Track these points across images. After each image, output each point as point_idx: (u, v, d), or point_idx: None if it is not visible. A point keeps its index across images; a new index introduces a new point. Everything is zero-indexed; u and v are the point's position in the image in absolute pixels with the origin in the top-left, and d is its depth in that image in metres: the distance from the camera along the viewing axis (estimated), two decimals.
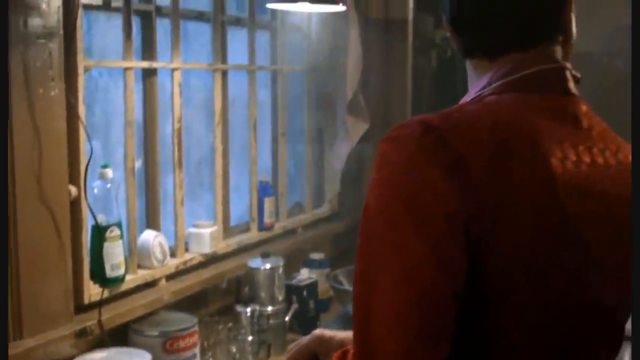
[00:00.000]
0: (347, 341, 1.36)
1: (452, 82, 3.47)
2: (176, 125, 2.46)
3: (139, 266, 2.32)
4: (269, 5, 2.37)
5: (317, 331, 1.45)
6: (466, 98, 1.18)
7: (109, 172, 2.11)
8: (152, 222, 2.46)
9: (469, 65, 1.21)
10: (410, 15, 3.43)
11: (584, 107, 1.16)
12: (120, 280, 2.15)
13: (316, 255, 2.97)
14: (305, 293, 2.63)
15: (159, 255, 2.34)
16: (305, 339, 1.45)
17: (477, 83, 1.17)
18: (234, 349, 2.33)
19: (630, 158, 1.17)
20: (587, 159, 1.10)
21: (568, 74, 1.16)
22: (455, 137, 1.01)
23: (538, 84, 1.13)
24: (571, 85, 1.16)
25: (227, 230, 2.81)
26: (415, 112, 3.36)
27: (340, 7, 2.39)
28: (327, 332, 1.43)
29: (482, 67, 1.18)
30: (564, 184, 1.05)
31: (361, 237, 1.05)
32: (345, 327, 1.48)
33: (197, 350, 2.23)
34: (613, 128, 1.21)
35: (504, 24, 1.14)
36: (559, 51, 1.16)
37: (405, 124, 1.05)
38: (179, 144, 2.47)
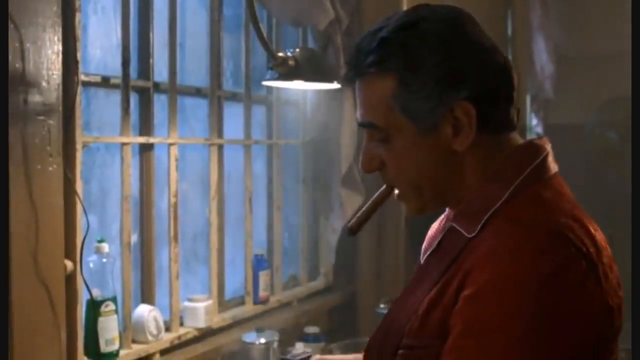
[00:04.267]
0: None
1: None
2: (172, 200, 2.48)
3: (134, 341, 2.31)
4: (265, 83, 2.41)
5: (317, 357, 1.47)
6: (495, 188, 1.20)
7: (105, 247, 2.12)
8: (147, 296, 2.46)
9: (479, 143, 1.21)
10: None
11: None
12: (114, 355, 2.14)
13: (311, 329, 2.95)
14: None
15: (153, 330, 2.33)
16: None
17: (492, 172, 1.22)
18: None
19: None
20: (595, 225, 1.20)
21: None
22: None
23: (550, 167, 1.24)
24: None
25: (222, 304, 2.80)
26: None
27: (335, 85, 2.43)
28: (328, 357, 1.46)
29: (495, 145, 1.23)
30: (610, 260, 1.17)
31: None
32: None
33: None
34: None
35: (512, 97, 1.23)
36: None
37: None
38: (175, 218, 2.49)
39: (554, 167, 1.24)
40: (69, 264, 1.99)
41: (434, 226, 1.38)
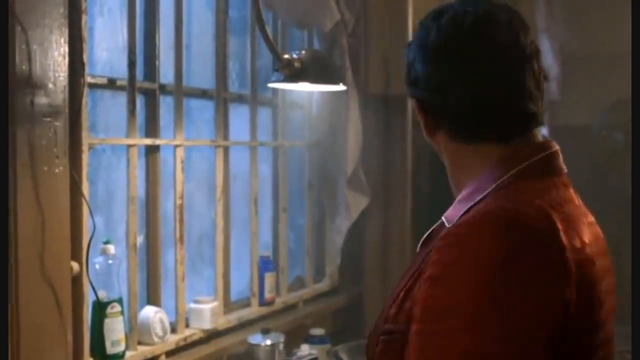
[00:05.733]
0: None
1: None
2: (178, 201, 2.48)
3: (139, 342, 2.32)
4: (270, 85, 2.41)
5: None
6: (484, 183, 1.24)
7: (111, 248, 2.13)
8: (152, 297, 2.46)
9: (459, 150, 1.29)
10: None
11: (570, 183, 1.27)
12: (120, 356, 2.14)
13: (317, 331, 2.95)
14: None
15: (159, 331, 2.34)
16: None
17: (484, 169, 1.25)
18: None
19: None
20: (591, 233, 1.21)
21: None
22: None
23: (548, 167, 1.24)
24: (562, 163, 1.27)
25: (228, 305, 2.81)
26: (416, 187, 3.38)
27: (341, 87, 2.43)
28: None
29: (483, 153, 1.26)
30: (595, 255, 1.19)
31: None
32: None
33: None
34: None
35: (513, 109, 1.24)
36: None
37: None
38: (181, 219, 2.49)
39: (563, 167, 1.26)
40: (75, 265, 1.99)
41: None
